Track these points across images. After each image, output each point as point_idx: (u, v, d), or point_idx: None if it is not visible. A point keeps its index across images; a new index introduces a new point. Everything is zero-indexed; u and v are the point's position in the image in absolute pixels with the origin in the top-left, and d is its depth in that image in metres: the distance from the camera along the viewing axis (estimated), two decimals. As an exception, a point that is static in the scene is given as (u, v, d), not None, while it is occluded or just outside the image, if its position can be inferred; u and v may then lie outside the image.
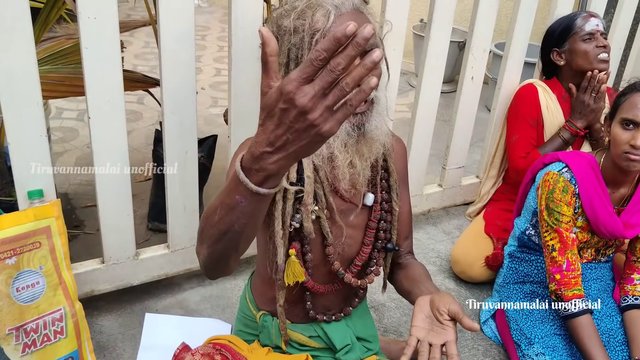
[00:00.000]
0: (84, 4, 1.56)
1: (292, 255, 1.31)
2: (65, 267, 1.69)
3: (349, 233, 1.36)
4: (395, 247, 1.42)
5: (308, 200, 1.26)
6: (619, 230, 1.82)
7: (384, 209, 1.39)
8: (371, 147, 1.24)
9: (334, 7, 1.16)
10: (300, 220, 1.28)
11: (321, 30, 1.15)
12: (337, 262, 1.36)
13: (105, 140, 1.76)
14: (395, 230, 1.42)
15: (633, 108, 1.70)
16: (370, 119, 1.20)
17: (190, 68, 1.81)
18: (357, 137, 1.21)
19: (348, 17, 1.16)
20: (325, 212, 1.30)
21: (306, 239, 1.31)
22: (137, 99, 3.78)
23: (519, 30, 2.51)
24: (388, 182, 1.39)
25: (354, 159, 1.23)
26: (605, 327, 1.86)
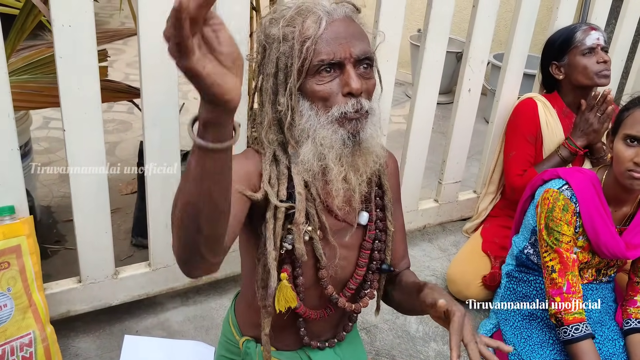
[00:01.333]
0: (58, 11, 1.49)
1: (283, 279, 1.22)
2: (36, 288, 1.61)
3: (343, 254, 1.28)
4: (391, 268, 1.35)
5: (300, 219, 1.17)
6: (621, 250, 1.75)
7: (378, 228, 1.32)
8: (366, 159, 1.17)
9: (325, 13, 1.12)
10: (292, 242, 1.20)
11: (312, 37, 1.10)
12: (330, 286, 1.28)
13: (82, 155, 1.69)
14: (390, 250, 1.35)
15: (637, 124, 1.64)
16: (365, 127, 1.15)
17: (172, 80, 1.74)
18: (352, 147, 1.14)
19: (340, 23, 1.12)
20: (319, 232, 1.23)
21: (298, 262, 1.23)
22: (127, 108, 3.71)
23: (518, 42, 2.45)
24: (382, 200, 1.33)
25: (348, 173, 1.17)
26: (607, 352, 1.80)
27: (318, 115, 1.14)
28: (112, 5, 6.05)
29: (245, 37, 1.78)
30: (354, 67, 1.12)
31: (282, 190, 1.20)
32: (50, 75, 1.97)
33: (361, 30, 1.16)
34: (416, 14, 4.62)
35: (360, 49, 1.12)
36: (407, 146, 2.40)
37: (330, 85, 1.12)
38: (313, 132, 1.15)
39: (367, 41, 1.16)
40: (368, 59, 1.14)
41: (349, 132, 1.13)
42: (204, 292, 2.16)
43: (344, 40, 1.11)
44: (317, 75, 1.12)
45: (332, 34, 1.11)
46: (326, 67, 1.11)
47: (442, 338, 2.10)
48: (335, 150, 1.14)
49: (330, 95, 1.13)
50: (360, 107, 1.12)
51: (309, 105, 1.15)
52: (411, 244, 2.61)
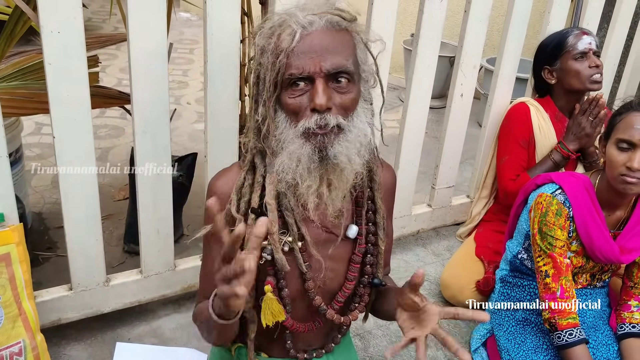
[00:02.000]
0: (47, 17, 1.48)
1: (268, 292, 1.22)
2: (26, 296, 1.59)
3: (330, 266, 1.27)
4: (383, 283, 1.33)
5: (272, 229, 1.17)
6: (615, 255, 1.75)
7: (370, 242, 1.31)
8: (340, 175, 1.15)
9: (300, 26, 1.09)
10: (271, 252, 1.19)
11: (285, 50, 1.09)
12: (318, 297, 1.27)
13: (72, 161, 1.67)
14: (382, 266, 1.34)
15: (629, 128, 1.63)
16: (335, 144, 1.12)
17: (162, 86, 1.73)
18: (319, 163, 1.12)
19: (316, 36, 1.09)
20: (301, 243, 1.21)
21: (281, 273, 1.22)
22: (120, 114, 3.70)
23: (510, 46, 2.45)
24: (375, 217, 1.31)
25: (320, 187, 1.15)
26: (601, 357, 1.79)
27: (290, 127, 1.13)
28: (105, 11, 6.04)
29: (237, 42, 1.77)
30: (326, 82, 1.10)
31: (254, 198, 1.20)
32: (41, 82, 1.96)
33: (341, 43, 1.12)
34: (409, 18, 4.63)
35: (332, 63, 1.09)
36: (400, 151, 2.39)
37: (300, 99, 1.11)
38: (285, 144, 1.14)
39: (345, 54, 1.11)
40: (345, 72, 1.11)
41: (315, 147, 1.11)
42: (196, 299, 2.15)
43: (314, 54, 1.08)
44: (290, 88, 1.11)
45: (305, 47, 1.09)
46: (297, 81, 1.10)
47: (436, 344, 2.09)
48: (302, 164, 1.13)
49: (300, 109, 1.11)
50: (325, 123, 1.10)
51: (284, 117, 1.14)
52: (405, 249, 2.60)
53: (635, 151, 1.62)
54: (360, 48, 1.17)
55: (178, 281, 2.05)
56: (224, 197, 1.22)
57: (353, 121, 1.14)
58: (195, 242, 2.43)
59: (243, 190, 1.21)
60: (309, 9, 1.12)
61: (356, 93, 1.15)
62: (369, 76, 1.20)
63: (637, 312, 1.82)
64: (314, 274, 1.25)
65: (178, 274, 2.03)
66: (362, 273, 1.32)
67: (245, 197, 1.21)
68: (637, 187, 1.64)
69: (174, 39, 5.05)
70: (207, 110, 1.82)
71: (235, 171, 1.26)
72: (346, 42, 1.13)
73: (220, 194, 1.22)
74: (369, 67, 1.20)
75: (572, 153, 2.23)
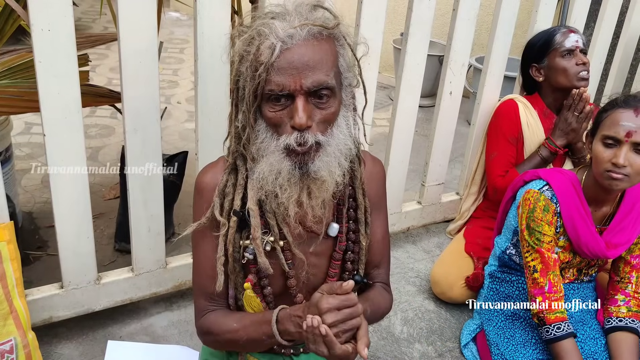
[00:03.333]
0: (37, 15, 1.48)
1: (247, 288, 1.24)
2: (17, 294, 1.59)
3: (314, 262, 1.29)
4: (364, 280, 1.32)
5: (255, 234, 1.19)
6: (601, 250, 1.77)
7: (350, 239, 1.31)
8: (320, 186, 1.16)
9: (279, 40, 1.07)
10: (253, 252, 1.21)
11: (264, 64, 1.07)
12: (300, 295, 1.29)
13: (63, 159, 1.67)
14: (363, 263, 1.34)
15: (615, 125, 1.65)
16: (315, 160, 1.12)
17: (153, 85, 1.73)
18: (300, 177, 1.13)
19: (296, 50, 1.07)
20: (283, 242, 1.23)
21: (263, 272, 1.24)
22: (110, 113, 3.69)
23: (498, 45, 2.47)
24: (355, 214, 1.31)
25: (301, 196, 1.16)
26: (589, 350, 1.81)
27: (271, 138, 1.13)
28: (95, 10, 6.02)
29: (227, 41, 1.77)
30: (306, 99, 1.09)
31: (237, 199, 1.21)
32: (31, 80, 1.95)
33: (322, 56, 1.09)
34: (399, 17, 4.64)
35: (313, 80, 1.07)
36: (390, 149, 2.40)
37: (281, 113, 1.11)
38: (266, 154, 1.14)
39: (326, 68, 1.09)
40: (326, 88, 1.09)
41: (295, 163, 1.12)
42: (188, 297, 2.15)
43: (295, 71, 1.06)
44: (270, 102, 1.11)
45: (285, 62, 1.07)
46: (276, 97, 1.09)
47: (426, 339, 2.11)
48: (282, 176, 1.13)
49: (281, 123, 1.11)
50: (304, 141, 1.09)
51: (265, 127, 1.14)
52: (395, 246, 2.62)
53: (621, 148, 1.64)
54: (342, 54, 1.15)
55: (169, 279, 2.05)
56: (211, 193, 1.23)
57: (332, 134, 1.14)
58: (187, 240, 2.45)
59: (226, 190, 1.22)
60: (291, 18, 1.10)
61: (337, 105, 1.14)
62: (352, 80, 1.19)
63: (623, 306, 1.84)
64: (296, 272, 1.27)
65: (169, 272, 2.04)
66: (343, 269, 1.32)
67: (229, 197, 1.22)
68: (622, 183, 1.66)
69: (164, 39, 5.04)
70: (198, 108, 1.83)
71: (220, 166, 1.27)
72: (328, 52, 1.11)
73: (207, 190, 1.24)
74: (352, 71, 1.18)
75: (559, 149, 2.25)
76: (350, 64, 1.18)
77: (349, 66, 1.17)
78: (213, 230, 1.23)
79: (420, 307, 2.26)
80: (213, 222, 1.23)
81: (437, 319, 2.22)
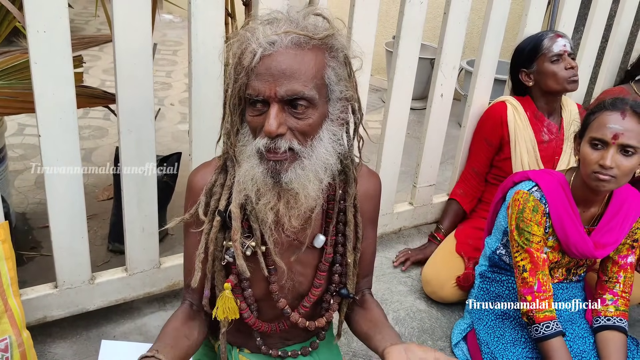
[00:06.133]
0: (33, 17, 1.49)
1: (227, 289, 1.24)
2: (12, 293, 1.60)
3: (299, 270, 1.30)
4: (350, 295, 1.33)
5: (234, 236, 1.19)
6: (589, 250, 1.79)
7: (338, 252, 1.31)
8: (295, 198, 1.15)
9: (260, 46, 1.07)
10: (232, 255, 1.22)
11: (245, 69, 1.08)
12: (282, 300, 1.29)
13: (58, 160, 1.68)
14: (352, 278, 1.33)
15: (602, 127, 1.68)
16: (289, 170, 1.12)
17: (147, 85, 1.74)
18: (272, 185, 1.13)
19: (276, 57, 1.07)
20: (265, 247, 1.23)
21: (242, 275, 1.24)
22: (103, 115, 3.70)
23: (488, 48, 2.50)
24: (344, 229, 1.30)
25: (278, 204, 1.16)
26: (577, 349, 1.83)
27: (250, 143, 1.14)
28: (88, 12, 6.02)
29: (221, 43, 1.79)
30: (281, 107, 1.08)
31: (222, 199, 1.22)
32: (25, 81, 1.96)
33: (303, 65, 1.07)
34: (391, 20, 4.67)
35: (288, 89, 1.06)
36: (382, 151, 2.42)
37: (258, 119, 1.11)
38: (245, 158, 1.16)
39: (305, 79, 1.07)
40: (302, 99, 1.08)
41: (268, 170, 1.12)
42: (181, 297, 2.16)
43: (271, 78, 1.06)
44: (251, 105, 1.12)
45: (263, 69, 1.07)
46: (254, 102, 1.10)
47: (417, 338, 2.13)
48: (257, 183, 1.14)
49: (257, 128, 1.12)
50: (275, 147, 1.09)
51: (247, 131, 1.16)
52: (387, 247, 2.64)
53: (608, 149, 1.66)
54: (333, 66, 1.13)
55: (163, 279, 2.06)
56: (199, 191, 1.25)
57: (313, 147, 1.13)
58: (180, 240, 2.46)
59: (214, 189, 1.24)
60: (279, 25, 1.10)
61: (317, 117, 1.12)
62: (345, 93, 1.16)
63: (611, 306, 1.86)
64: (279, 277, 1.27)
65: (163, 272, 2.05)
66: (329, 281, 1.33)
67: (215, 196, 1.23)
68: (609, 184, 1.68)
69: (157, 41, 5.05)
70: (192, 109, 1.84)
71: (213, 166, 1.28)
72: (311, 62, 1.09)
73: (196, 188, 1.26)
74: (344, 85, 1.15)
75: None
76: (343, 76, 1.15)
77: (340, 79, 1.14)
78: (196, 227, 1.25)
79: (412, 307, 2.28)
80: (198, 219, 1.24)
81: (428, 319, 2.24)
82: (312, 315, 1.36)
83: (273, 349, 1.39)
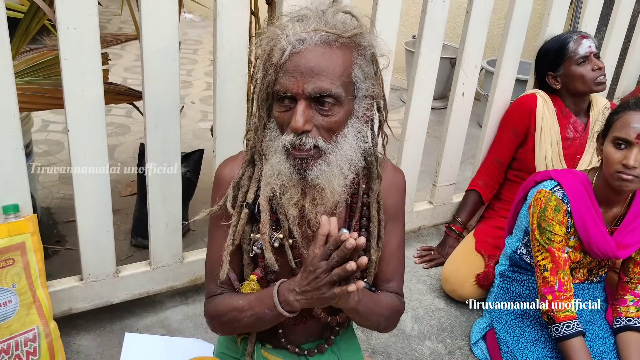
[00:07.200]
0: (63, 14, 1.52)
1: (252, 280, 1.27)
2: (40, 284, 1.63)
3: None
4: (372, 288, 1.32)
5: (263, 229, 1.21)
6: (612, 250, 1.79)
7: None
8: (321, 193, 1.17)
9: (289, 43, 1.09)
10: (260, 246, 1.23)
11: (274, 65, 1.10)
12: None
13: (85, 154, 1.71)
14: (372, 274, 1.33)
15: (625, 127, 1.67)
16: (314, 167, 1.14)
17: (173, 82, 1.77)
18: (298, 181, 1.15)
19: (305, 55, 1.08)
20: (292, 240, 1.25)
21: (269, 267, 1.25)
22: (126, 112, 3.74)
23: (510, 48, 2.49)
24: (368, 225, 1.31)
25: (303, 200, 1.18)
26: (598, 350, 1.82)
27: (277, 138, 1.16)
28: (110, 11, 6.08)
29: (245, 41, 1.81)
30: (308, 104, 1.10)
31: (250, 192, 1.23)
32: (53, 77, 2.00)
33: (331, 63, 1.09)
34: (411, 20, 4.67)
35: (315, 87, 1.08)
36: (402, 150, 2.43)
37: (285, 115, 1.13)
38: (271, 153, 1.17)
39: (333, 76, 1.09)
40: (329, 96, 1.09)
41: (294, 166, 1.14)
42: (203, 291, 2.18)
43: (299, 75, 1.08)
44: (278, 101, 1.13)
45: (292, 66, 1.09)
46: (282, 98, 1.12)
47: (436, 337, 2.14)
48: (282, 178, 1.16)
49: (284, 124, 1.14)
50: (301, 144, 1.11)
51: (274, 126, 1.18)
52: (407, 246, 2.60)
53: (632, 149, 1.66)
54: (360, 64, 1.14)
55: (185, 273, 2.09)
56: (227, 184, 1.27)
57: (338, 143, 1.14)
58: (202, 235, 2.49)
59: (242, 182, 1.25)
60: (308, 22, 1.11)
61: (343, 115, 1.13)
62: (372, 91, 1.17)
63: (632, 306, 1.86)
64: None
65: (185, 266, 2.07)
66: None
67: (243, 189, 1.25)
68: (633, 184, 1.68)
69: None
70: (216, 106, 1.86)
71: (240, 159, 1.30)
72: (338, 60, 1.10)
73: (224, 182, 1.28)
74: (370, 83, 1.17)
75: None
76: (369, 74, 1.17)
77: (367, 77, 1.16)
78: (224, 220, 1.26)
79: (431, 306, 2.29)
80: (226, 212, 1.26)
81: (447, 317, 2.24)
82: (334, 310, 1.37)
83: (295, 345, 1.40)
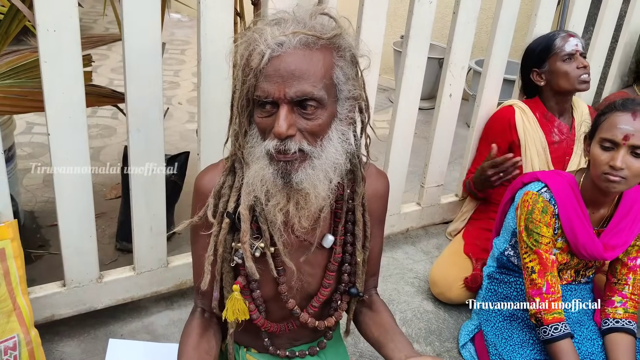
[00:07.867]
0: (43, 16, 1.49)
1: (235, 291, 1.24)
2: (20, 292, 1.60)
3: (308, 271, 1.29)
4: (360, 294, 1.33)
5: (243, 238, 1.19)
6: (599, 251, 1.78)
7: (347, 252, 1.31)
8: (306, 198, 1.15)
9: (268, 47, 1.06)
10: (242, 256, 1.21)
11: (253, 70, 1.08)
12: (292, 300, 1.29)
13: (67, 159, 1.68)
14: (361, 277, 1.34)
15: (612, 128, 1.67)
16: (300, 170, 1.12)
17: (156, 84, 1.74)
18: (282, 186, 1.13)
19: (285, 58, 1.06)
20: (274, 248, 1.23)
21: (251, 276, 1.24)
22: (112, 114, 3.71)
23: (497, 48, 2.49)
24: (353, 228, 1.30)
25: (287, 205, 1.16)
26: (586, 351, 1.82)
27: (259, 144, 1.14)
28: (96, 11, 6.04)
29: (229, 43, 1.79)
30: (290, 108, 1.08)
31: (231, 201, 1.21)
32: (35, 80, 1.97)
33: (312, 66, 1.07)
34: (399, 20, 4.67)
35: (297, 90, 1.06)
36: (390, 151, 2.42)
37: (267, 120, 1.10)
38: (254, 160, 1.15)
39: (314, 79, 1.07)
40: (311, 99, 1.08)
41: (278, 171, 1.12)
42: (189, 296, 2.17)
43: (280, 80, 1.06)
44: (259, 107, 1.11)
45: (272, 70, 1.06)
46: (263, 103, 1.09)
47: (425, 339, 2.13)
48: (267, 184, 1.14)
49: (266, 129, 1.11)
50: (285, 149, 1.09)
51: (256, 132, 1.15)
52: (394, 247, 2.63)
53: (618, 150, 1.65)
54: (341, 66, 1.12)
55: (170, 278, 2.06)
56: (207, 194, 1.24)
57: (322, 146, 1.13)
58: (187, 239, 2.44)
59: (222, 191, 1.23)
60: (286, 25, 1.09)
61: (326, 118, 1.12)
62: (354, 92, 1.16)
63: (620, 308, 1.85)
64: (288, 279, 1.27)
65: (170, 271, 2.05)
66: (339, 281, 1.33)
67: (224, 198, 1.23)
68: (619, 185, 1.67)
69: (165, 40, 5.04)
70: (200, 109, 1.84)
71: (220, 167, 1.28)
72: (319, 63, 1.08)
73: (204, 191, 1.25)
74: (352, 84, 1.15)
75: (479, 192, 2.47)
76: (350, 76, 1.15)
77: (348, 78, 1.14)
78: (205, 230, 1.24)
79: (419, 308, 2.28)
80: (207, 222, 1.24)
81: (435, 320, 2.23)
82: (321, 315, 1.36)
83: (280, 349, 1.39)
